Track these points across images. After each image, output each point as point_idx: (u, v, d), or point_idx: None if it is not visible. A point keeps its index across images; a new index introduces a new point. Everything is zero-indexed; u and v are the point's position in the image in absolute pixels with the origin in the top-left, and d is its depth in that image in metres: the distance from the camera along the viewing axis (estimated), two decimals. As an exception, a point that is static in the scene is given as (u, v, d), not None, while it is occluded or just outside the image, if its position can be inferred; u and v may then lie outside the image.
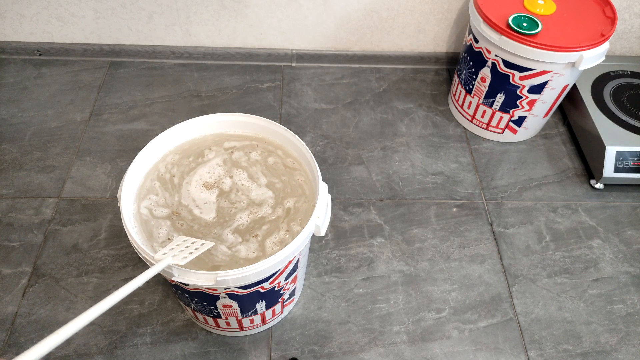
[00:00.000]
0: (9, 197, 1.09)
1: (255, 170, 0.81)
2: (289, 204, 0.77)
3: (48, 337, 0.40)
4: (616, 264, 1.04)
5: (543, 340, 0.93)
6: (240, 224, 0.75)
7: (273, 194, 0.78)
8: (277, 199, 0.78)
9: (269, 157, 0.82)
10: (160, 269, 0.59)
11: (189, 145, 0.83)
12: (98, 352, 0.88)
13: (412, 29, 1.36)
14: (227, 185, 0.78)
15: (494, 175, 1.19)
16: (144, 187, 0.77)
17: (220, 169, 0.80)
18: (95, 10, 1.30)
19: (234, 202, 0.77)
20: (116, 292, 0.50)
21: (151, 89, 1.34)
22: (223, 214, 0.75)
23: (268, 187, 0.79)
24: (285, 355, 0.89)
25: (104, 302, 0.48)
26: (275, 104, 1.32)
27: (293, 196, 0.78)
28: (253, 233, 0.74)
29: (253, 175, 0.80)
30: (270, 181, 0.80)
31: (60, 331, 0.41)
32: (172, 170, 0.79)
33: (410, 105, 1.34)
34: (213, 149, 0.82)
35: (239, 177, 0.79)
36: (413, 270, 1.01)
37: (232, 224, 0.74)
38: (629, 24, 1.33)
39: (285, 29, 1.36)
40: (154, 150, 0.80)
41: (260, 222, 0.75)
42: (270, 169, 0.81)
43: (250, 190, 0.78)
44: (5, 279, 0.96)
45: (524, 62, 1.05)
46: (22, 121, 1.24)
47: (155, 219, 0.74)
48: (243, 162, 0.81)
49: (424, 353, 0.91)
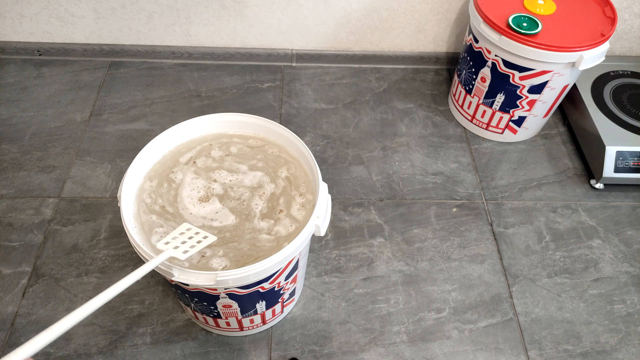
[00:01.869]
0: (9, 197, 1.09)
1: (228, 163, 0.81)
2: (284, 174, 0.80)
3: (45, 330, 0.40)
4: (616, 264, 1.04)
5: (543, 340, 0.93)
6: (261, 208, 0.76)
7: (261, 172, 0.80)
8: (270, 174, 0.80)
9: (230, 147, 0.83)
10: (161, 261, 0.59)
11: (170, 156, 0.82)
12: (98, 352, 0.88)
13: (412, 29, 1.36)
14: (218, 188, 0.78)
15: (494, 175, 1.19)
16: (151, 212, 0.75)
17: (199, 181, 0.79)
18: (95, 10, 1.30)
19: (238, 196, 0.77)
20: (115, 285, 0.50)
21: (151, 89, 1.34)
22: (240, 211, 0.76)
23: (252, 169, 0.80)
24: (285, 355, 0.89)
25: (104, 294, 0.48)
26: (275, 104, 1.32)
27: (280, 166, 0.81)
28: (277, 210, 0.76)
29: (231, 168, 0.80)
30: (250, 164, 0.81)
31: (54, 327, 0.40)
32: (158, 201, 0.76)
33: (410, 105, 1.34)
34: (175, 169, 0.80)
35: (220, 176, 0.79)
36: (413, 270, 1.01)
37: (255, 213, 0.75)
38: (629, 24, 1.33)
39: (285, 29, 1.36)
40: (154, 150, 0.80)
41: (274, 198, 0.77)
42: (239, 156, 0.82)
43: (240, 180, 0.79)
44: (5, 279, 0.96)
45: (524, 62, 1.05)
46: (22, 121, 1.24)
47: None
48: (212, 164, 0.81)
49: (424, 353, 0.91)
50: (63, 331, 0.41)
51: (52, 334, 0.39)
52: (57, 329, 0.40)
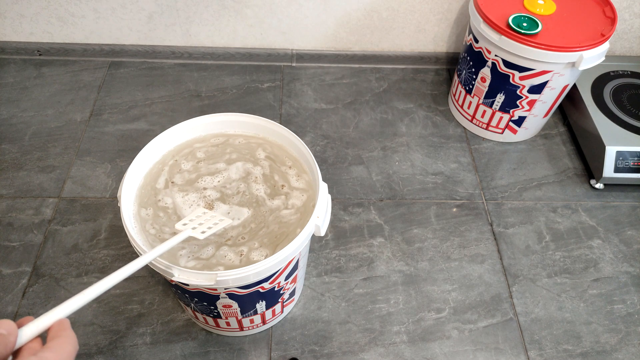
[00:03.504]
0: (9, 197, 1.09)
1: (204, 169, 0.80)
2: (262, 155, 0.82)
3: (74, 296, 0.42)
4: (616, 264, 1.04)
5: (543, 340, 0.93)
6: (264, 190, 0.78)
7: (240, 161, 0.81)
8: (249, 160, 0.81)
9: (195, 153, 0.82)
10: (180, 240, 0.60)
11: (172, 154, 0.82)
12: (98, 352, 0.88)
13: (412, 29, 1.36)
14: (213, 193, 0.77)
15: (494, 175, 1.19)
16: None
17: (191, 196, 0.76)
18: (95, 10, 1.30)
19: (236, 191, 0.78)
20: (136, 261, 0.51)
21: (151, 89, 1.34)
22: (248, 202, 0.77)
23: (230, 163, 0.81)
24: (285, 355, 0.89)
25: (122, 270, 0.49)
26: (275, 104, 1.32)
27: (254, 150, 0.83)
28: (278, 186, 0.78)
29: (211, 171, 0.80)
30: (225, 159, 0.81)
31: (86, 291, 0.43)
32: (165, 229, 0.73)
33: (410, 105, 1.34)
34: (159, 196, 0.76)
35: (207, 182, 0.78)
36: (413, 270, 1.01)
37: (263, 197, 0.77)
38: (629, 24, 1.33)
39: (285, 29, 1.36)
40: (154, 150, 0.80)
41: (268, 178, 0.79)
42: (209, 158, 0.82)
43: (227, 177, 0.79)
44: (5, 279, 0.96)
45: (524, 62, 1.05)
46: (22, 121, 1.24)
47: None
48: (190, 176, 0.79)
49: (424, 353, 0.91)
50: (95, 296, 0.44)
51: (84, 298, 0.42)
52: (89, 293, 0.43)
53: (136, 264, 0.51)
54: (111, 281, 0.46)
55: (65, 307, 0.40)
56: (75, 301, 0.41)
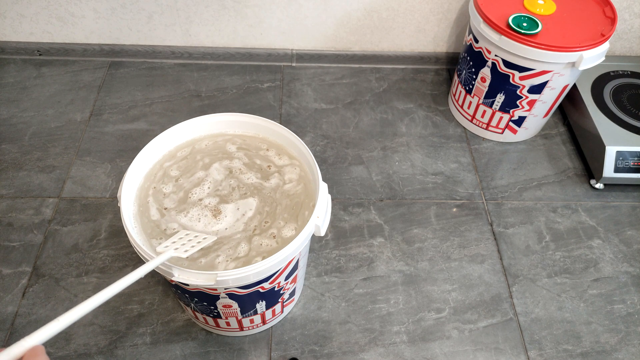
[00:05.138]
0: (9, 197, 1.09)
1: (187, 184, 0.78)
2: (232, 148, 0.83)
3: (49, 323, 0.41)
4: (616, 264, 1.04)
5: (543, 340, 0.93)
6: (260, 176, 0.79)
7: (216, 163, 0.81)
8: (222, 158, 0.82)
9: (169, 172, 0.80)
10: (162, 261, 0.59)
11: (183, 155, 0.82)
12: (98, 352, 0.88)
13: (412, 29, 1.36)
14: (212, 201, 0.76)
15: (494, 175, 1.19)
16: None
17: (194, 212, 0.75)
18: (95, 10, 1.30)
19: (231, 188, 0.78)
20: (116, 283, 0.51)
21: (151, 89, 1.34)
22: (248, 191, 0.78)
23: (206, 168, 0.81)
24: (285, 355, 0.89)
25: (103, 293, 0.48)
26: (275, 104, 1.32)
27: (220, 147, 0.83)
28: (271, 172, 0.80)
29: (195, 182, 0.78)
30: (201, 165, 0.81)
31: (61, 318, 0.42)
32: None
33: (410, 105, 1.34)
34: (163, 226, 0.73)
35: (199, 193, 0.77)
36: (413, 270, 1.01)
37: (260, 182, 0.78)
38: (629, 24, 1.33)
39: (285, 29, 1.36)
40: (154, 150, 0.80)
41: (254, 165, 0.81)
42: (184, 171, 0.80)
43: (215, 181, 0.79)
44: (5, 279, 0.96)
45: (524, 62, 1.05)
46: (22, 121, 1.24)
47: None
48: (179, 195, 0.77)
49: (424, 353, 0.91)
50: (70, 322, 0.42)
51: (59, 325, 0.41)
52: (64, 320, 0.42)
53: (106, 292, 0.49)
54: (83, 309, 0.45)
55: (39, 335, 0.39)
56: (50, 328, 0.40)
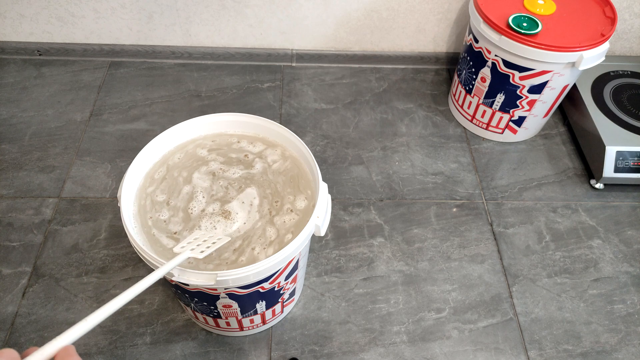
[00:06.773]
0: (9, 197, 1.09)
1: (184, 195, 0.77)
2: (207, 149, 0.84)
3: (78, 323, 0.42)
4: (616, 264, 1.04)
5: (543, 340, 0.93)
6: (245, 167, 0.80)
7: (204, 166, 0.81)
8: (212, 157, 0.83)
9: (160, 184, 0.78)
10: (180, 261, 0.59)
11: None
12: (98, 352, 0.88)
13: (412, 29, 1.36)
14: (216, 206, 0.75)
15: (494, 175, 1.19)
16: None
17: (204, 222, 0.74)
18: (95, 10, 1.30)
19: (226, 185, 0.78)
20: (139, 283, 0.51)
21: (151, 89, 1.34)
22: (251, 181, 0.78)
23: (193, 172, 0.81)
24: (285, 355, 0.89)
25: (129, 292, 0.49)
26: (275, 104, 1.32)
27: (202, 148, 0.84)
28: (251, 160, 0.81)
29: (193, 192, 0.78)
30: (194, 169, 0.81)
31: (89, 318, 0.44)
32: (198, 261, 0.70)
33: (410, 105, 1.34)
34: (175, 241, 0.72)
35: (200, 203, 0.76)
36: (413, 270, 1.01)
37: (256, 168, 0.80)
38: (629, 24, 1.33)
39: (285, 29, 1.36)
40: (154, 150, 0.80)
41: (238, 159, 0.82)
42: (167, 187, 0.78)
43: (207, 186, 0.78)
44: (5, 279, 0.96)
45: (524, 62, 1.05)
46: (22, 121, 1.24)
47: None
48: (178, 204, 0.76)
49: (424, 353, 0.91)
50: (98, 321, 0.44)
51: (87, 325, 0.43)
52: (92, 319, 0.44)
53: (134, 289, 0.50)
54: (112, 307, 0.46)
55: (70, 334, 0.40)
56: (80, 328, 0.41)
